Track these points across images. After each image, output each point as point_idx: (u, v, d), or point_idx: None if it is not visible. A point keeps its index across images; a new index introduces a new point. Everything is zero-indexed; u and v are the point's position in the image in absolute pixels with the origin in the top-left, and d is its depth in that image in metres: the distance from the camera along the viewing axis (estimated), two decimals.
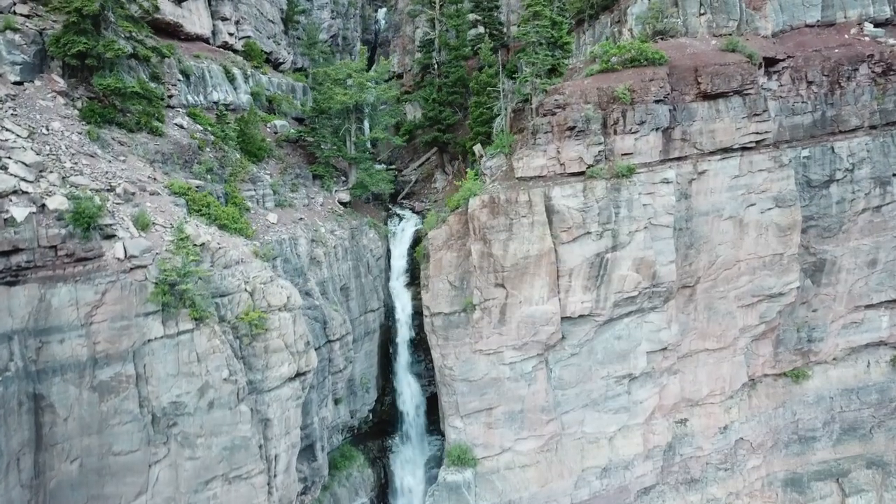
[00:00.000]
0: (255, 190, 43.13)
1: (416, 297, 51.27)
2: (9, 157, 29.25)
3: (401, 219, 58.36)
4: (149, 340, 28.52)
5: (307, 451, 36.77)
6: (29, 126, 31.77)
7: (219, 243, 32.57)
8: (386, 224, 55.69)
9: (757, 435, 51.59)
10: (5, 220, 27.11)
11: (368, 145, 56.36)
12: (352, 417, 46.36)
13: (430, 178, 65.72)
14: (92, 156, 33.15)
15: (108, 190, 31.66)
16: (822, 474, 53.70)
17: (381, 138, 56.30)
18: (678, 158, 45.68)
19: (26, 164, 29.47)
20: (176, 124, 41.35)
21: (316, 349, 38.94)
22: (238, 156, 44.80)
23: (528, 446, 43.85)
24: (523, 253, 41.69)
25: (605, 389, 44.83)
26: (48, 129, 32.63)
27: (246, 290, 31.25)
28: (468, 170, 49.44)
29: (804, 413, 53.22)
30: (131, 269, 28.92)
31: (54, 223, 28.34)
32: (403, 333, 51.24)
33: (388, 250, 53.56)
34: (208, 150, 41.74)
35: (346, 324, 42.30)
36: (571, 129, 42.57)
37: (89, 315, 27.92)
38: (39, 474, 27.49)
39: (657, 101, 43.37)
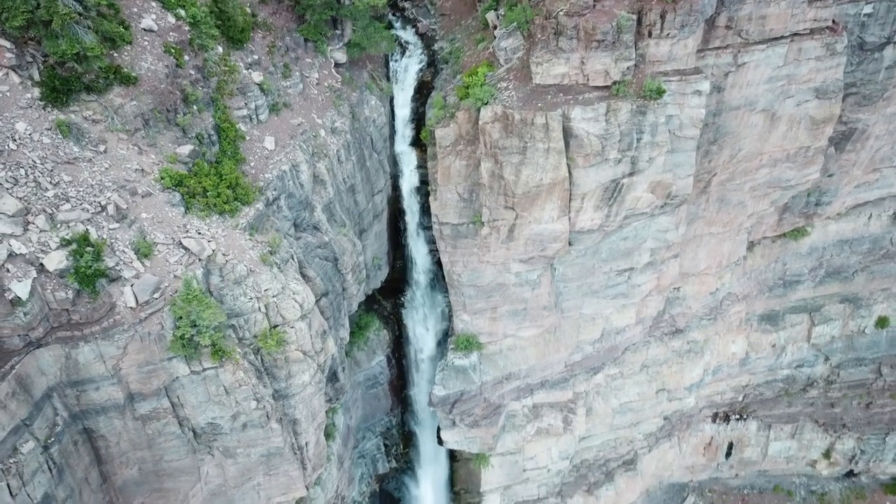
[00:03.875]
0: (246, 104, 39.26)
1: (422, 162, 50.00)
2: None
3: (404, 50, 53.06)
4: (177, 377, 30.30)
5: (331, 377, 40.79)
6: None
7: (224, 253, 31.83)
8: (388, 66, 51.10)
9: (744, 288, 55.18)
10: (11, 301, 26.75)
11: None
12: (365, 293, 49.23)
13: None
14: (70, 162, 30.35)
15: (99, 211, 29.92)
16: (797, 309, 58.80)
17: None
18: (718, 48, 40.46)
19: (9, 216, 27.63)
20: (144, 29, 35.88)
21: (328, 283, 40.50)
22: (220, 49, 39.70)
23: (529, 333, 47.77)
24: (536, 181, 39.92)
25: (606, 281, 46.92)
26: (15, 139, 29.33)
27: (260, 309, 31.64)
28: (477, 41, 44.06)
29: (794, 263, 55.99)
30: (146, 317, 29.20)
31: (58, 284, 27.93)
32: (410, 201, 51.07)
33: (392, 110, 50.28)
34: (188, 59, 36.99)
35: (357, 247, 42.58)
36: (600, 41, 37.00)
37: (116, 366, 29.30)
38: (106, 479, 32.01)
39: None
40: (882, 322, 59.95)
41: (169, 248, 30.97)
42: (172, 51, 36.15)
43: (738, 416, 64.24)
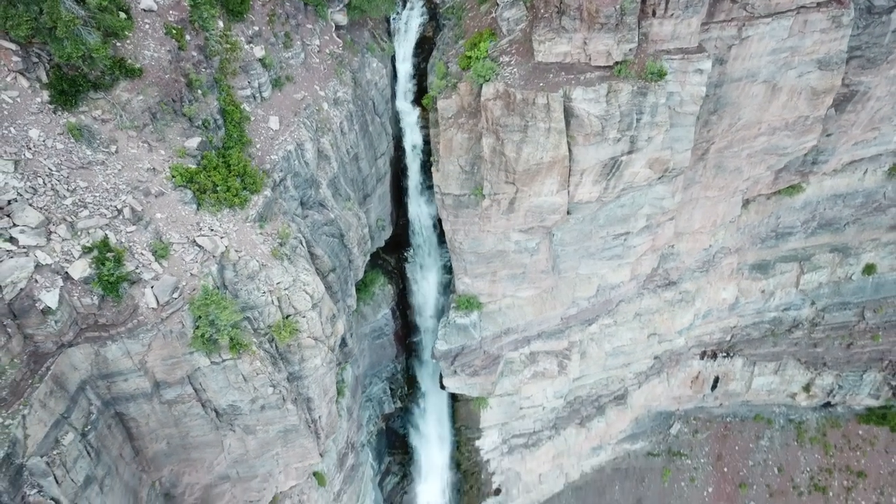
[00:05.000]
0: (249, 82, 39.44)
1: (424, 122, 50.40)
2: (13, 225, 28.67)
3: (405, 2, 52.10)
4: (199, 367, 32.62)
5: (340, 344, 43.18)
6: (11, 153, 29.51)
7: (237, 250, 33.32)
8: (389, 23, 50.46)
9: (737, 242, 56.77)
10: (42, 311, 28.56)
11: None
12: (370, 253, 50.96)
13: None
14: (85, 167, 31.29)
15: (116, 216, 31.18)
16: (787, 259, 60.65)
17: None
18: (722, 21, 40.15)
19: (33, 228, 28.96)
20: (144, 10, 35.69)
21: (335, 259, 42.18)
22: (221, 24, 39.46)
23: (527, 293, 49.88)
24: (536, 160, 40.71)
25: (603, 244, 48.47)
26: (30, 147, 30.19)
27: (273, 302, 33.49)
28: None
29: (787, 217, 57.30)
30: (167, 316, 31.10)
31: (84, 291, 29.61)
32: (412, 160, 51.81)
33: (393, 67, 50.07)
34: (189, 39, 37.01)
35: (362, 220, 43.82)
36: (603, 23, 36.77)
37: (142, 360, 31.50)
38: (138, 453, 35.02)
39: None
40: (869, 269, 61.97)
41: (184, 247, 32.45)
42: (174, 32, 36.19)
43: (724, 354, 67.61)
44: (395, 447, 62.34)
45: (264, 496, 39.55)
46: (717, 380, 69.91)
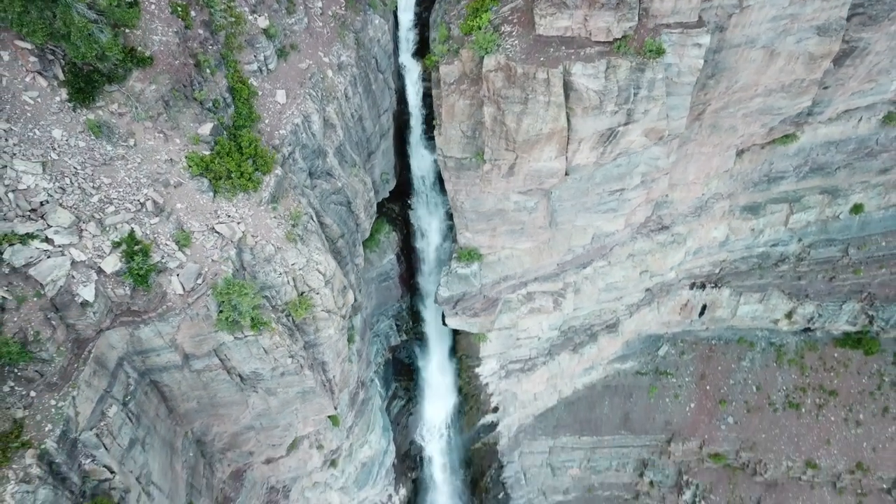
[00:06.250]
0: (255, 56, 40.18)
1: (426, 75, 51.02)
2: (47, 226, 30.89)
3: None
4: (223, 342, 35.83)
5: None
6: (39, 155, 31.28)
7: (253, 235, 35.61)
8: None
9: (730, 188, 58.54)
10: (81, 303, 31.34)
11: None
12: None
13: None
14: (107, 163, 33.05)
15: (139, 209, 33.26)
16: (778, 200, 62.66)
17: None
18: None
19: (66, 228, 31.18)
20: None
21: (343, 226, 44.46)
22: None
23: (526, 245, 52.35)
24: (536, 130, 42.03)
25: (599, 199, 50.41)
26: (55, 148, 31.86)
27: (288, 282, 36.14)
28: None
29: (780, 163, 58.76)
30: (193, 301, 33.89)
31: (117, 282, 32.26)
32: (414, 113, 52.75)
33: (395, 18, 50.05)
34: (194, 16, 37.60)
35: (367, 185, 45.57)
36: (604, 3, 37.10)
37: (173, 339, 34.61)
38: (172, 411, 38.92)
39: None
40: (857, 208, 64.05)
41: (204, 234, 34.74)
42: (179, 10, 36.78)
43: (713, 285, 70.94)
44: (401, 374, 67.08)
45: (285, 440, 44.09)
46: (704, 307, 73.68)
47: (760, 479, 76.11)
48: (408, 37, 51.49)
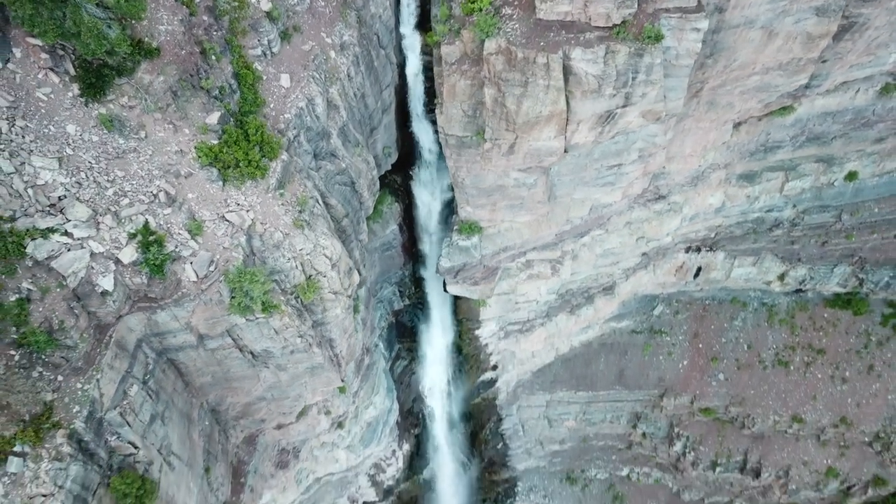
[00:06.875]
0: (259, 40, 40.70)
1: (426, 49, 51.29)
2: (66, 220, 32.29)
3: None
4: (236, 324, 37.69)
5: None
6: (55, 151, 32.42)
7: (262, 222, 37.00)
8: None
9: (727, 159, 59.45)
10: (101, 293, 33.03)
11: None
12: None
13: None
14: (120, 157, 34.18)
15: (152, 200, 34.57)
16: (774, 168, 63.62)
17: None
18: None
19: (84, 221, 32.58)
20: None
21: (347, 206, 45.74)
22: None
23: (525, 219, 53.67)
24: (536, 113, 42.84)
25: (597, 174, 51.49)
26: (70, 143, 32.95)
27: (297, 267, 37.70)
28: None
29: (777, 133, 59.50)
30: (207, 287, 35.56)
31: (134, 272, 33.89)
32: (415, 87, 53.22)
33: None
34: (198, 1, 38.08)
35: (371, 164, 46.57)
36: None
37: (188, 322, 36.45)
38: (187, 385, 41.14)
39: None
40: (851, 176, 65.05)
41: (215, 223, 36.13)
42: None
43: (708, 248, 72.50)
44: (404, 336, 69.38)
45: (295, 409, 46.58)
46: (699, 269, 75.47)
47: (748, 432, 79.43)
48: (409, 9, 51.51)
